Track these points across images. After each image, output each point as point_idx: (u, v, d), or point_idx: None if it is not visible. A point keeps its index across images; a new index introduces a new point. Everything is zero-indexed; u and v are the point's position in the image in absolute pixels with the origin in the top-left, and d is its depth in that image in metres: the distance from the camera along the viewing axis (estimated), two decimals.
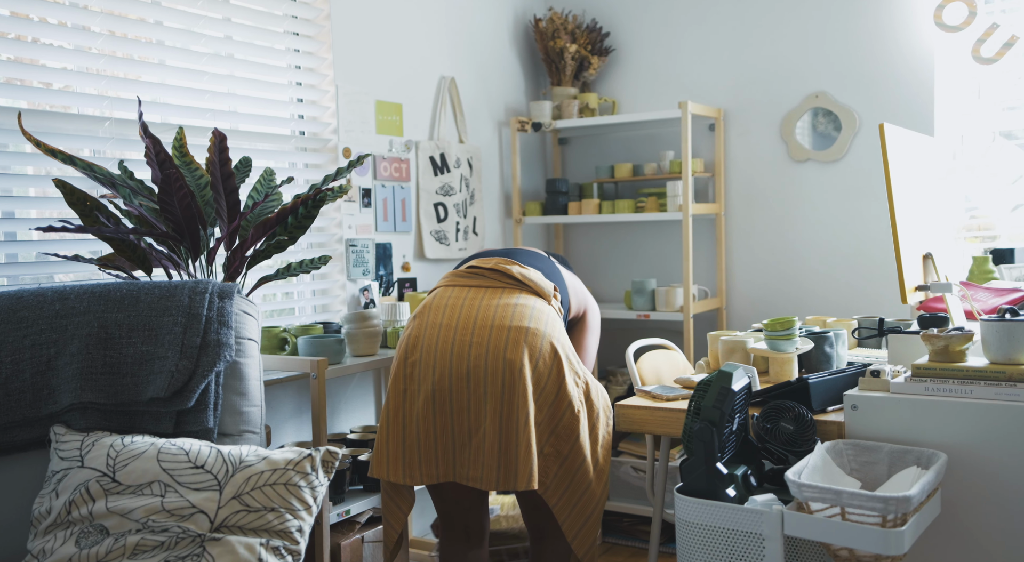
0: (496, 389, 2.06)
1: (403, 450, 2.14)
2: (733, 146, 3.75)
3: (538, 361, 2.09)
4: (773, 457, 1.99)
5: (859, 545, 1.64)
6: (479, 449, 2.06)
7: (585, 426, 2.16)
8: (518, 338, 2.08)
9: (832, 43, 3.52)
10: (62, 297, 1.92)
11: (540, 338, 2.10)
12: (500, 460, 2.04)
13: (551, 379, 2.10)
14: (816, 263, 3.61)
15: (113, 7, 2.45)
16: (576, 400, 2.15)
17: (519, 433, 2.04)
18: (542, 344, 2.10)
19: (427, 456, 2.12)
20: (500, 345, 2.07)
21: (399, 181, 3.31)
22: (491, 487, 2.04)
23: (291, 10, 2.95)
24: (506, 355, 2.07)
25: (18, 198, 2.31)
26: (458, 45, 3.62)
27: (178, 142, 2.19)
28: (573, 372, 2.17)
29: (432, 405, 2.10)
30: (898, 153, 2.23)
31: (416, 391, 2.14)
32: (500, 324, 2.10)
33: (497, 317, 2.12)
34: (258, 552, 1.63)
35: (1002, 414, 1.80)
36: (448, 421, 2.10)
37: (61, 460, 1.75)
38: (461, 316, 2.14)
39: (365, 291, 3.11)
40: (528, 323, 2.11)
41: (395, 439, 2.15)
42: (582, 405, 2.17)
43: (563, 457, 2.12)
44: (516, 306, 2.15)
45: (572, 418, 2.13)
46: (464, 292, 2.21)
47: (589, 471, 2.15)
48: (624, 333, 3.95)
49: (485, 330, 2.10)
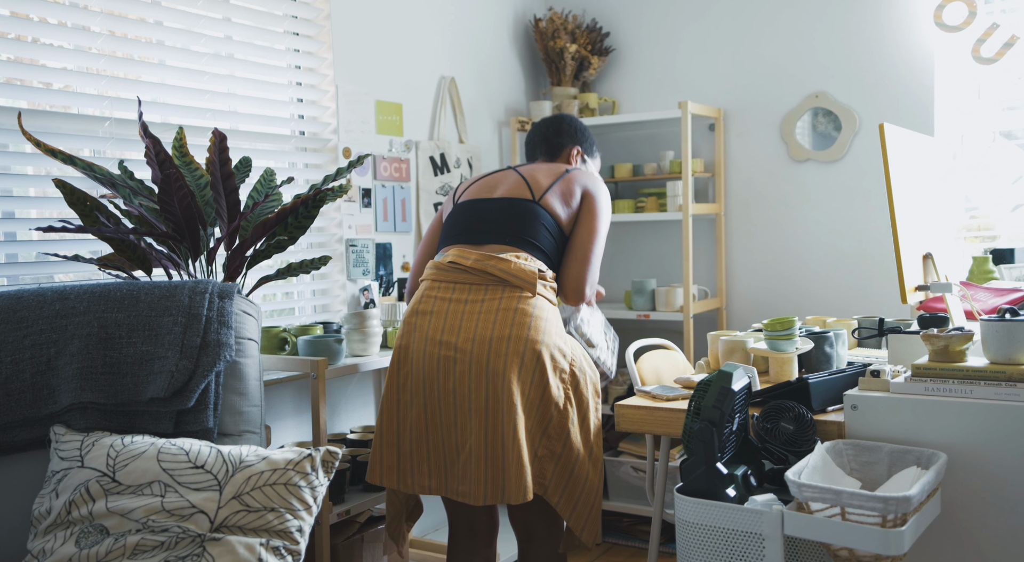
0: (480, 404, 2.08)
1: (397, 458, 2.19)
2: (733, 146, 3.75)
3: (520, 369, 2.09)
4: (773, 457, 1.99)
5: (859, 545, 1.64)
6: (467, 464, 2.09)
7: (575, 421, 2.17)
8: (499, 349, 2.09)
9: (832, 43, 3.52)
10: (62, 297, 1.92)
11: (522, 344, 2.10)
12: (487, 475, 2.06)
13: (534, 385, 2.11)
14: (816, 263, 3.61)
15: (113, 7, 2.45)
16: (561, 400, 2.14)
17: (506, 447, 2.05)
18: (524, 350, 2.09)
19: (420, 468, 2.17)
20: (483, 360, 2.09)
21: (399, 181, 3.31)
22: (479, 502, 2.07)
23: (291, 10, 2.95)
24: (488, 369, 2.08)
25: (18, 198, 2.31)
26: (458, 45, 3.62)
27: (178, 142, 2.19)
28: (557, 371, 2.15)
29: (424, 419, 2.16)
30: (898, 153, 2.23)
31: (409, 402, 2.19)
32: (482, 336, 2.11)
33: (479, 328, 2.12)
34: (258, 552, 1.63)
35: (1002, 414, 1.80)
36: (439, 436, 2.15)
37: (61, 460, 1.75)
38: (445, 327, 2.15)
39: (365, 291, 3.11)
40: (509, 330, 2.10)
41: (389, 446, 2.20)
42: (569, 401, 2.16)
43: (557, 456, 2.13)
44: (498, 312, 2.13)
45: (560, 417, 2.14)
46: (448, 293, 2.20)
47: (585, 463, 2.17)
48: (624, 333, 3.95)
49: (468, 343, 2.11)
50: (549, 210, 2.28)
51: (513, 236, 2.24)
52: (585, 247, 2.30)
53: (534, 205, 2.28)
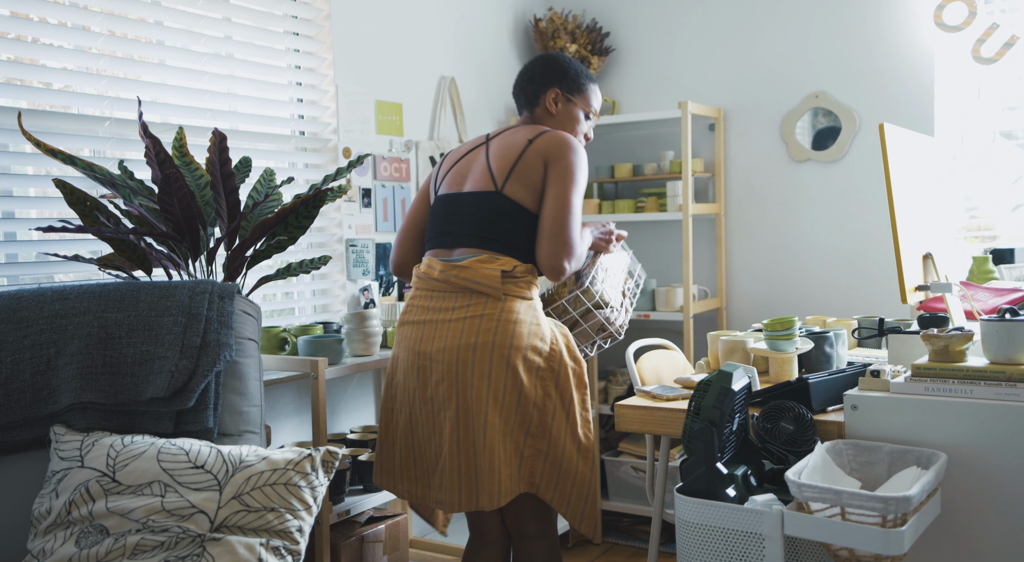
0: (452, 413, 2.11)
1: (390, 463, 2.27)
2: (733, 146, 3.75)
3: (490, 376, 2.10)
4: (773, 457, 1.99)
5: (859, 545, 1.64)
6: (442, 473, 2.12)
7: (558, 415, 2.15)
8: (466, 358, 2.11)
9: (832, 43, 3.52)
10: (62, 297, 1.92)
11: (488, 351, 2.10)
12: (461, 483, 2.09)
13: (507, 389, 2.11)
14: (816, 263, 3.61)
15: (113, 7, 2.45)
16: (539, 398, 2.13)
17: (478, 454, 2.08)
18: (491, 358, 2.10)
19: (408, 474, 2.22)
20: (453, 369, 2.11)
21: (399, 181, 3.31)
22: (454, 509, 2.10)
23: (291, 10, 2.95)
24: (458, 378, 2.11)
25: (18, 198, 2.31)
26: (458, 45, 3.62)
27: (178, 142, 2.19)
28: (532, 370, 2.13)
29: (409, 428, 2.21)
30: (898, 153, 2.23)
31: (399, 411, 2.25)
32: (452, 345, 2.12)
33: (449, 337, 2.14)
34: (258, 552, 1.63)
35: (1002, 414, 1.79)
36: (421, 444, 2.20)
37: (61, 460, 1.75)
38: (423, 337, 2.19)
39: (365, 291, 3.11)
40: (475, 338, 2.11)
41: (387, 451, 2.28)
42: (548, 397, 2.15)
43: (544, 453, 2.13)
44: (465, 320, 2.14)
45: (541, 415, 2.13)
46: (427, 301, 2.23)
47: (573, 456, 2.16)
48: (624, 334, 3.95)
49: (440, 352, 2.14)
50: (514, 198, 2.20)
51: (480, 237, 2.21)
52: (552, 220, 2.17)
53: (498, 197, 2.21)
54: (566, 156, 2.22)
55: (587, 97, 2.41)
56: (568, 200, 2.19)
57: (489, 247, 2.20)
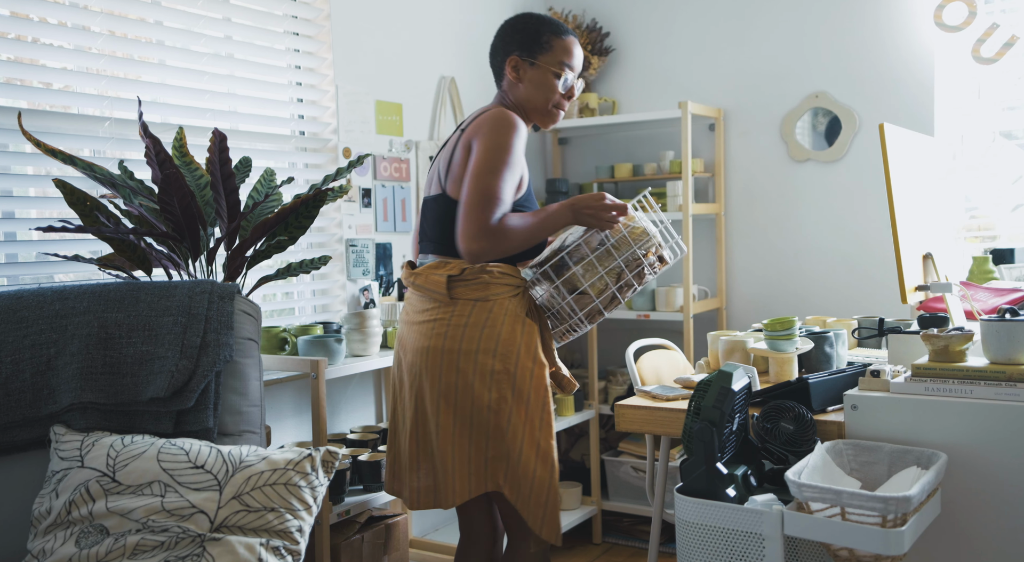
0: (412, 414, 2.18)
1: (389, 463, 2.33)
2: (733, 146, 3.75)
3: (440, 380, 2.12)
4: (773, 457, 1.99)
5: (859, 545, 1.64)
6: (410, 471, 2.20)
7: (514, 418, 2.11)
8: (416, 361, 2.16)
9: (832, 43, 3.52)
10: (62, 297, 1.92)
11: (438, 355, 2.12)
12: (420, 483, 2.16)
13: (459, 391, 2.11)
14: (816, 263, 3.61)
15: (113, 7, 2.45)
16: (493, 401, 2.10)
17: (435, 455, 2.14)
18: (441, 362, 2.12)
19: (398, 474, 2.27)
20: (413, 373, 2.18)
21: (399, 181, 3.31)
22: (415, 507, 2.18)
23: (291, 10, 2.95)
24: (416, 382, 2.17)
25: (18, 198, 2.31)
26: (458, 45, 3.62)
27: (178, 142, 2.19)
28: (485, 375, 2.09)
29: (394, 428, 2.29)
30: (898, 153, 2.23)
31: (392, 411, 2.33)
32: (413, 348, 2.18)
33: (410, 340, 2.20)
34: (258, 552, 1.63)
35: (1002, 414, 1.80)
36: (401, 444, 2.26)
37: (61, 460, 1.75)
38: (401, 340, 2.27)
39: (365, 291, 3.11)
40: (428, 341, 2.14)
41: (390, 452, 2.32)
42: (504, 401, 2.10)
43: (504, 455, 2.12)
44: (422, 324, 2.17)
45: (496, 418, 2.10)
46: (408, 305, 2.29)
47: (530, 460, 2.12)
48: (624, 333, 3.95)
49: (407, 355, 2.20)
50: (455, 197, 2.14)
51: (436, 242, 2.22)
52: (465, 201, 2.06)
53: (444, 199, 2.17)
54: (483, 135, 2.10)
55: (554, 53, 2.19)
56: (479, 177, 2.06)
57: (442, 252, 2.20)
